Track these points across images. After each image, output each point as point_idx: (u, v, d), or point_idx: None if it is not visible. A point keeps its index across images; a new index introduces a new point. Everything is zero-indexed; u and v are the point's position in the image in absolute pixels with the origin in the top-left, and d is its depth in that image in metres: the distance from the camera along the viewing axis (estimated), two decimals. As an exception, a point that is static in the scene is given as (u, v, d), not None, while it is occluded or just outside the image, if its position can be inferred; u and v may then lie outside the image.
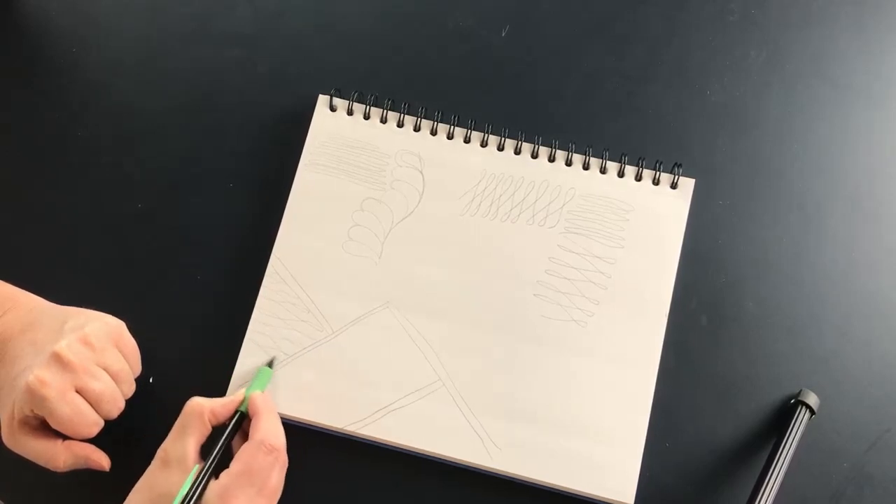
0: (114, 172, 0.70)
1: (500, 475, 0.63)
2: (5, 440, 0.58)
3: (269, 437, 0.58)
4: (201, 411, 0.58)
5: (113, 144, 0.71)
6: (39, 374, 0.56)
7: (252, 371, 0.64)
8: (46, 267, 0.68)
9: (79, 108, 0.72)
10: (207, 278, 0.68)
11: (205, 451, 0.58)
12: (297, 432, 0.63)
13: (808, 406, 0.63)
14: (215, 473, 0.57)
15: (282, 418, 0.63)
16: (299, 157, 0.69)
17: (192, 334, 0.66)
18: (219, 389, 0.64)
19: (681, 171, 0.69)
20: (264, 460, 0.57)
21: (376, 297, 0.66)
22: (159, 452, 0.58)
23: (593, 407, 0.64)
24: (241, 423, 0.60)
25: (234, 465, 0.57)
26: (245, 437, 0.60)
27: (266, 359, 0.64)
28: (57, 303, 0.62)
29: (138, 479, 0.62)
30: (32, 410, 0.57)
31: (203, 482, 0.56)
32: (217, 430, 0.59)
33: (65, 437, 0.59)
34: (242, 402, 0.60)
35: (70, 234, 0.69)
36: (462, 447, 0.63)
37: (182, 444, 0.57)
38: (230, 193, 0.70)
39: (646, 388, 0.64)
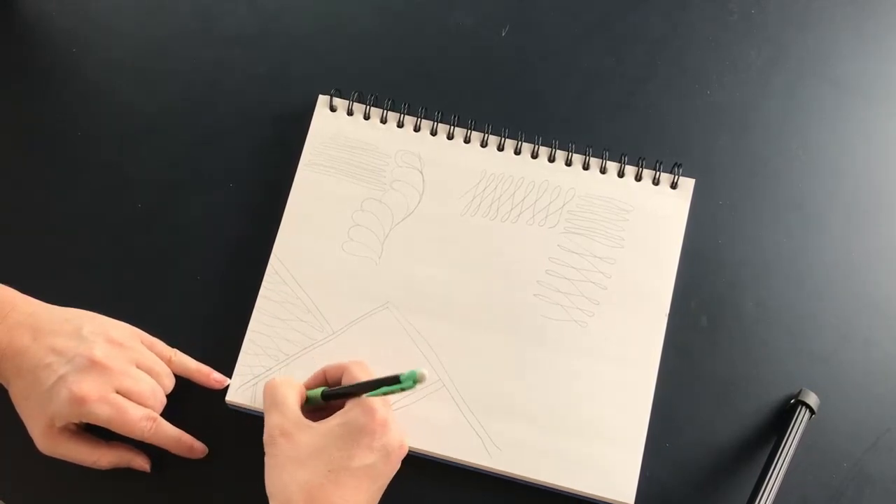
0: (113, 172, 0.70)
1: (500, 475, 0.63)
2: (42, 447, 0.59)
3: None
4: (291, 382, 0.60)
5: (112, 144, 0.71)
6: (81, 386, 0.57)
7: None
8: (46, 267, 0.68)
9: (79, 108, 0.72)
10: (207, 278, 0.67)
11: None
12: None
13: (808, 406, 0.63)
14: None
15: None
16: (299, 157, 0.69)
17: (192, 334, 0.66)
18: (219, 389, 0.64)
19: (681, 171, 0.69)
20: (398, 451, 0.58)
21: (376, 297, 0.66)
22: (273, 433, 0.57)
23: (593, 407, 0.64)
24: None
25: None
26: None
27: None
28: (56, 303, 0.62)
29: (142, 478, 0.62)
30: (80, 420, 0.58)
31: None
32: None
33: (107, 438, 0.60)
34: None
35: (69, 235, 0.68)
36: (462, 447, 0.63)
37: (293, 409, 0.58)
38: (230, 193, 0.70)
39: (646, 388, 0.64)
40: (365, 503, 0.56)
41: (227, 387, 0.64)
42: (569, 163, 0.69)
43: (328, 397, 0.60)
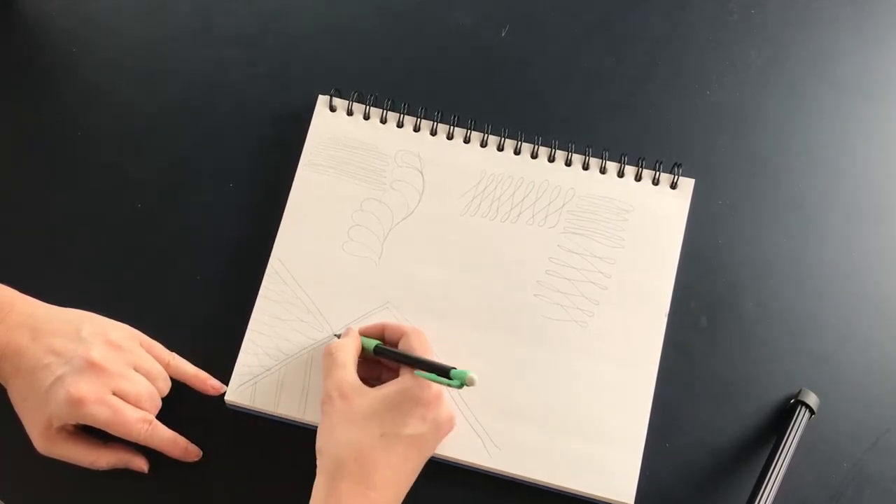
0: (113, 172, 0.70)
1: (500, 475, 0.63)
2: (40, 448, 0.59)
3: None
4: (354, 344, 0.62)
5: (112, 144, 0.71)
6: (79, 387, 0.57)
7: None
8: (46, 267, 0.68)
9: (79, 108, 0.72)
10: (207, 278, 0.67)
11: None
12: (297, 433, 0.63)
13: (808, 406, 0.63)
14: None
15: (282, 419, 0.64)
16: (299, 157, 0.69)
17: (193, 334, 0.66)
18: (215, 396, 0.64)
19: (681, 171, 0.69)
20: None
21: (376, 298, 0.66)
22: (331, 393, 0.58)
23: (593, 407, 0.64)
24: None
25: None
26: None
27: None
28: (56, 303, 0.62)
29: (141, 478, 0.62)
30: (77, 422, 0.58)
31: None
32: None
33: (105, 438, 0.60)
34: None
35: (69, 234, 0.68)
36: (462, 447, 0.63)
37: (352, 374, 0.60)
38: (230, 193, 0.70)
39: (646, 388, 0.64)
40: (410, 472, 0.58)
41: (229, 384, 0.64)
42: (569, 163, 0.69)
43: (380, 353, 0.62)
